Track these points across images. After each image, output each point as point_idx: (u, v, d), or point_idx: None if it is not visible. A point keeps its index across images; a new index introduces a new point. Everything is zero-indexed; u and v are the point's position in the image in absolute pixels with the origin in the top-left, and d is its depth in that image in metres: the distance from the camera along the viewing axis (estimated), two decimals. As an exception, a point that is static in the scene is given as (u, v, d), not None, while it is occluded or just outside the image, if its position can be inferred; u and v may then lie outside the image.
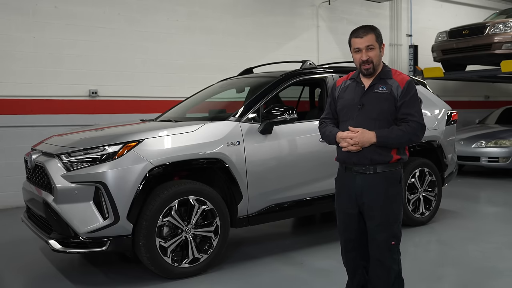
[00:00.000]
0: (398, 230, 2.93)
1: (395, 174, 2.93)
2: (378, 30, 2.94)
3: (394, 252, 2.93)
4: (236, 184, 4.26)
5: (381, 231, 2.89)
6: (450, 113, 6.03)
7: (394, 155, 2.91)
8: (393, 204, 2.91)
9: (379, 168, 2.88)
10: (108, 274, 4.23)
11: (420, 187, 5.59)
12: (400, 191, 2.95)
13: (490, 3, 13.70)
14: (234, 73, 6.32)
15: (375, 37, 2.90)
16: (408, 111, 2.87)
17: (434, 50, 10.75)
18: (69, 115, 7.45)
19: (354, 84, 3.01)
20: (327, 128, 3.06)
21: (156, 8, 8.25)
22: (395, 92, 2.88)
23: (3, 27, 6.97)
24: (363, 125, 2.88)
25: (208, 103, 5.77)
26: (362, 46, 2.88)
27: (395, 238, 2.92)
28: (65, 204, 3.76)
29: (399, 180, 2.94)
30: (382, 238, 2.89)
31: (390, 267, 2.92)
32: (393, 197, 2.91)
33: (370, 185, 2.90)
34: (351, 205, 2.97)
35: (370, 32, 2.90)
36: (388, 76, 2.94)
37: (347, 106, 2.98)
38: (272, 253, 4.69)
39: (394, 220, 2.91)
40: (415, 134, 2.87)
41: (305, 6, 10.12)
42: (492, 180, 9.01)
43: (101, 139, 4.07)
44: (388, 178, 2.90)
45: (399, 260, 2.97)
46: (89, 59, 7.64)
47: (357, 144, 2.84)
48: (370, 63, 2.89)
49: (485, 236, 5.22)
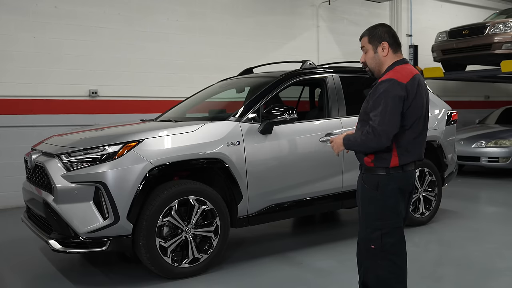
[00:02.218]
0: (375, 236, 2.80)
1: (371, 179, 2.83)
2: (373, 31, 2.86)
3: (378, 257, 2.81)
4: (236, 184, 4.26)
5: (360, 232, 2.92)
6: (450, 113, 6.03)
7: (367, 160, 2.82)
8: (368, 209, 2.84)
9: (364, 171, 2.90)
10: (108, 274, 4.23)
11: (420, 187, 5.59)
12: (376, 198, 2.80)
13: (490, 3, 13.69)
14: (234, 73, 6.32)
15: (368, 38, 2.86)
16: (371, 113, 2.72)
17: (434, 50, 10.74)
18: (69, 115, 7.45)
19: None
20: None
21: (156, 8, 8.25)
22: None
23: (3, 27, 6.97)
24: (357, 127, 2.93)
25: (208, 103, 5.77)
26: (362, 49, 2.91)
27: (371, 242, 2.82)
28: (65, 204, 3.76)
29: (376, 187, 2.80)
30: (360, 238, 2.92)
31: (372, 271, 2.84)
32: (368, 203, 2.84)
33: (358, 186, 2.96)
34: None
35: (365, 34, 2.90)
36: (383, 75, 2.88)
37: None
38: (272, 253, 4.69)
39: (368, 225, 2.84)
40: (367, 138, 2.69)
41: (305, 6, 10.11)
42: (492, 180, 9.01)
43: (101, 139, 4.07)
44: (366, 182, 2.86)
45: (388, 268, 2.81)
46: (89, 59, 7.64)
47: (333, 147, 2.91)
48: (366, 66, 2.90)
49: (485, 236, 5.22)
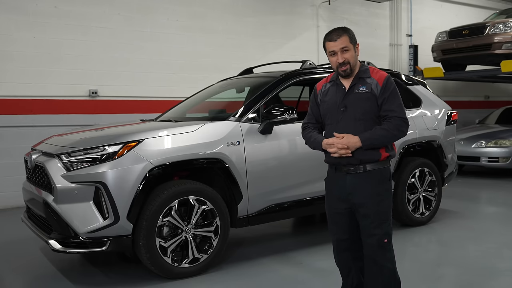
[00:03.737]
0: (389, 227, 2.94)
1: (384, 171, 2.94)
2: (351, 31, 2.96)
3: (387, 250, 2.93)
4: (236, 184, 4.26)
5: (374, 229, 2.89)
6: (450, 113, 6.04)
7: (383, 153, 2.92)
8: (384, 201, 2.92)
9: (369, 167, 2.90)
10: (108, 274, 4.23)
11: (420, 187, 5.59)
12: (389, 188, 2.97)
13: (490, 3, 13.70)
14: (234, 73, 6.32)
15: (349, 38, 2.91)
16: (389, 107, 2.88)
17: (434, 50, 10.75)
18: (69, 115, 7.46)
19: (335, 87, 3.01)
20: (312, 135, 3.07)
21: (156, 8, 8.26)
22: (376, 90, 2.89)
23: (3, 27, 6.97)
24: (349, 127, 2.90)
25: (208, 103, 5.77)
26: (336, 48, 2.89)
27: (387, 236, 2.92)
28: (65, 204, 3.76)
29: (389, 177, 2.96)
30: (374, 236, 2.90)
31: (384, 265, 2.92)
32: (383, 194, 2.92)
33: (361, 183, 2.91)
34: (342, 204, 2.98)
35: (343, 34, 2.91)
36: (367, 74, 2.95)
37: (330, 109, 2.98)
38: (271, 253, 4.69)
39: (385, 218, 2.92)
40: (398, 130, 2.88)
41: (305, 6, 10.12)
42: (492, 180, 9.00)
43: (101, 139, 4.07)
44: (378, 176, 2.91)
45: (393, 258, 2.97)
46: (89, 59, 7.64)
47: (345, 148, 2.84)
48: (346, 64, 2.90)
49: (485, 236, 5.22)
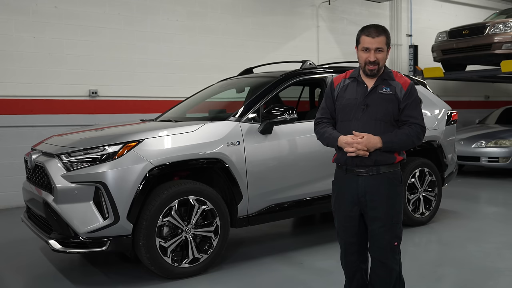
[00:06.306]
0: (400, 230, 2.94)
1: (396, 174, 2.94)
2: (389, 33, 2.90)
3: (396, 253, 2.94)
4: (236, 184, 4.26)
5: (385, 232, 2.87)
6: (450, 113, 6.03)
7: (397, 156, 2.92)
8: (396, 204, 2.91)
9: (382, 169, 2.87)
10: (108, 274, 4.23)
11: (420, 187, 5.59)
12: (401, 192, 2.98)
13: (490, 3, 13.69)
14: (234, 73, 6.32)
15: (386, 39, 2.85)
16: (411, 114, 2.89)
17: (434, 50, 10.75)
18: (69, 115, 7.46)
19: (355, 84, 2.93)
20: (327, 130, 2.97)
21: (156, 8, 8.25)
22: (399, 94, 2.86)
23: (3, 27, 6.97)
24: (368, 125, 2.84)
25: (208, 103, 5.77)
26: (372, 46, 2.81)
27: (397, 239, 2.92)
28: (65, 204, 3.76)
29: (400, 180, 2.95)
30: (385, 239, 2.88)
31: (392, 268, 2.93)
32: (396, 197, 2.92)
33: (374, 186, 2.87)
34: (352, 207, 2.93)
35: (382, 33, 2.83)
36: (391, 77, 2.91)
37: (349, 106, 2.90)
38: (272, 253, 4.69)
39: (396, 221, 2.91)
40: (417, 137, 2.91)
41: (305, 6, 10.11)
42: (492, 180, 9.00)
43: (101, 139, 4.07)
44: (391, 178, 2.90)
45: (399, 260, 2.98)
46: (89, 59, 7.64)
47: (365, 149, 2.79)
48: (376, 64, 2.83)
49: (485, 236, 5.22)
